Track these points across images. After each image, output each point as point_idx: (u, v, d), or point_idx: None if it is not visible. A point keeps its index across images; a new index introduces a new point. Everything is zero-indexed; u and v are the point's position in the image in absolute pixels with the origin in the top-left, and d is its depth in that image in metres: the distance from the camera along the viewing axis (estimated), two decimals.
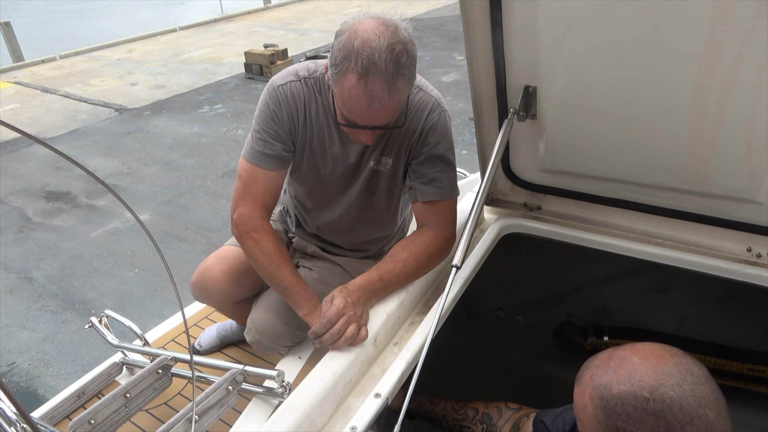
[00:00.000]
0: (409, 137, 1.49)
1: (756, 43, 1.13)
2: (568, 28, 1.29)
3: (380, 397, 1.15)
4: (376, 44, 1.19)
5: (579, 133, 1.52)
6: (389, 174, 1.56)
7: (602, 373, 0.89)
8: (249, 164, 1.50)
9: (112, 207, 4.89)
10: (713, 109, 1.28)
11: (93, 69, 9.34)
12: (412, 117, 1.47)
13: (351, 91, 1.23)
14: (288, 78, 1.49)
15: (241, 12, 13.32)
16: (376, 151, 1.52)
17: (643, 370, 0.85)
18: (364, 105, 1.23)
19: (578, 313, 2.09)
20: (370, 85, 1.21)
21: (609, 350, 0.94)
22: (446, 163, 1.51)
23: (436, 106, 1.49)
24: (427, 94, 1.49)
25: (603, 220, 1.71)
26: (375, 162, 1.54)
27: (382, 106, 1.24)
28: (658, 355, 0.87)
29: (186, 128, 6.62)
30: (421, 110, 1.47)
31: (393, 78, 1.21)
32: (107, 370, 1.75)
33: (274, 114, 1.47)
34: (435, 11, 12.51)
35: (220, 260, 1.71)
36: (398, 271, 1.42)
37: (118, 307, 3.61)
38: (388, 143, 1.51)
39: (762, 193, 1.41)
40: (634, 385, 0.84)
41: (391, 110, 1.27)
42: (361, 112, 1.26)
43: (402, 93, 1.26)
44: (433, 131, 1.48)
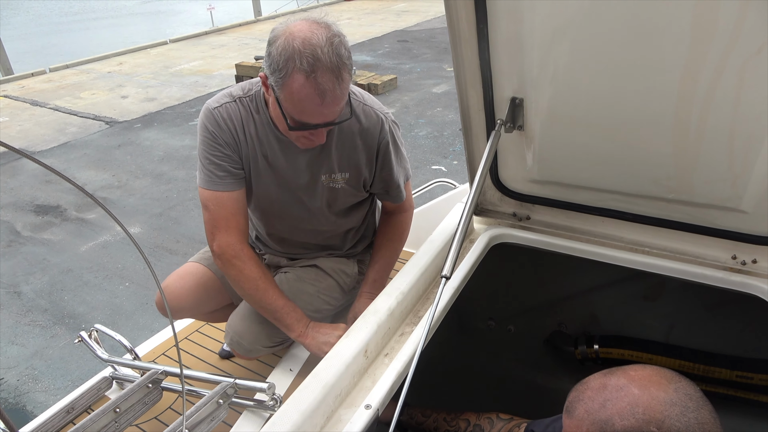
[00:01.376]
0: (366, 156, 1.56)
1: (735, 55, 1.16)
2: (553, 42, 1.32)
3: (371, 408, 1.15)
4: (316, 40, 1.22)
5: (566, 143, 1.54)
6: (350, 188, 1.61)
7: (599, 407, 0.84)
8: (209, 191, 1.50)
9: (102, 220, 4.86)
10: (695, 119, 1.31)
11: (83, 82, 9.33)
12: (366, 135, 1.53)
13: (301, 91, 1.24)
14: (223, 100, 1.50)
15: (232, 25, 13.37)
16: (328, 167, 1.55)
17: (646, 402, 0.81)
18: (317, 101, 1.25)
19: (569, 322, 2.10)
20: (320, 80, 1.23)
21: (600, 377, 0.90)
22: (401, 164, 1.67)
23: (383, 121, 1.56)
24: (371, 110, 1.55)
25: (591, 229, 1.73)
26: (328, 176, 1.56)
27: (334, 99, 1.27)
28: (655, 381, 0.84)
29: (177, 141, 6.62)
30: (373, 129, 1.54)
31: (339, 69, 1.25)
32: (97, 385, 1.74)
33: (213, 136, 1.48)
34: (425, 23, 12.62)
35: (179, 278, 1.72)
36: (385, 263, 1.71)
37: (108, 321, 3.59)
38: (342, 158, 1.54)
39: (745, 202, 1.43)
40: (639, 419, 0.80)
41: (342, 101, 1.31)
42: (314, 110, 1.28)
43: (347, 83, 1.30)
44: (387, 148, 1.58)
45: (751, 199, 1.41)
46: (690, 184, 1.46)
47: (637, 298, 1.93)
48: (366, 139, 1.55)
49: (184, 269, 1.75)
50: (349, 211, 1.71)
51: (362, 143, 1.55)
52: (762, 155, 1.31)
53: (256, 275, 1.51)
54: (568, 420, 0.89)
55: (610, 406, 0.83)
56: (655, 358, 1.90)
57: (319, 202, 1.62)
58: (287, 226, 1.70)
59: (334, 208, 1.65)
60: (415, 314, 1.49)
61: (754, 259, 1.54)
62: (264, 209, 1.66)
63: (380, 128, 1.55)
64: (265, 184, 1.57)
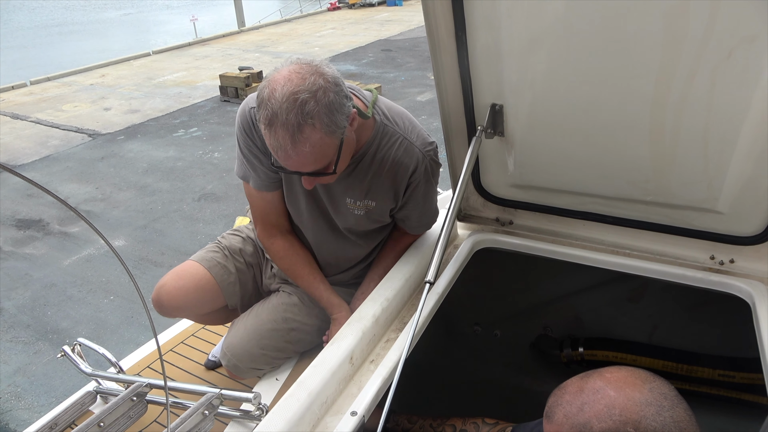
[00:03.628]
0: (397, 187, 1.54)
1: (706, 60, 1.19)
2: (531, 49, 1.34)
3: (356, 415, 1.15)
4: (279, 94, 1.20)
5: (546, 148, 1.56)
6: (375, 214, 1.59)
7: (577, 411, 0.85)
8: (245, 184, 1.59)
9: (86, 234, 4.81)
10: (670, 123, 1.33)
11: (65, 94, 9.26)
12: (399, 169, 1.50)
13: (265, 138, 1.26)
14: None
15: (216, 35, 13.37)
16: (356, 193, 1.53)
17: (622, 403, 0.83)
18: (279, 154, 1.26)
19: (554, 326, 2.12)
20: (275, 135, 1.22)
21: (577, 381, 0.91)
22: (431, 202, 1.66)
23: (422, 159, 1.51)
24: (412, 146, 1.50)
25: (573, 232, 1.75)
26: (353, 201, 1.55)
27: (288, 156, 1.24)
28: (630, 383, 0.85)
29: (161, 152, 6.58)
30: (407, 164, 1.50)
31: (296, 128, 1.20)
32: (81, 400, 1.72)
33: (252, 137, 1.48)
34: (408, 32, 12.72)
35: (176, 277, 1.70)
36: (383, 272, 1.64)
37: (93, 336, 3.54)
38: (371, 187, 1.53)
39: (721, 203, 1.46)
40: (616, 421, 0.81)
41: (301, 160, 1.26)
42: (280, 159, 1.28)
43: (311, 142, 1.23)
44: (422, 183, 1.55)
45: (727, 200, 1.45)
46: (667, 187, 1.49)
47: (620, 300, 1.96)
48: (398, 172, 1.51)
49: (183, 268, 1.72)
50: (369, 234, 1.70)
51: (394, 177, 1.52)
52: (735, 157, 1.34)
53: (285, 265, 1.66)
54: (548, 425, 0.90)
55: (588, 410, 0.84)
56: (639, 359, 1.93)
57: (342, 224, 1.62)
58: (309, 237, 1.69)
59: (355, 231, 1.65)
60: (401, 320, 1.50)
61: (731, 259, 1.57)
62: (291, 215, 1.67)
63: (415, 166, 1.51)
64: (292, 194, 1.58)
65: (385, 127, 1.49)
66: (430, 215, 1.70)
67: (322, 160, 1.29)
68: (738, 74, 1.19)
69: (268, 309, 1.72)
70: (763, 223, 1.47)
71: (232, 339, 1.66)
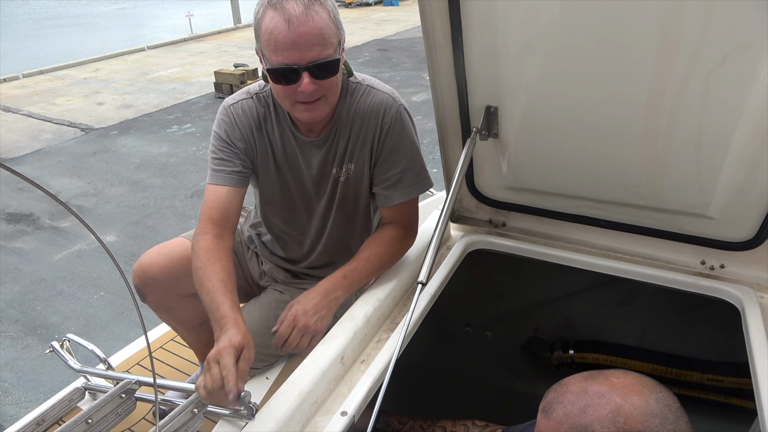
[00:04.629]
0: (370, 139, 1.50)
1: (700, 66, 1.19)
2: (526, 52, 1.34)
3: (346, 415, 1.15)
4: None
5: (540, 151, 1.57)
6: (354, 180, 1.56)
7: (579, 412, 0.84)
8: (207, 185, 1.51)
9: (76, 228, 4.78)
10: (663, 128, 1.34)
11: (58, 88, 9.19)
12: (368, 118, 1.48)
13: (270, 23, 1.23)
14: (240, 96, 1.52)
15: (211, 32, 13.32)
16: (338, 158, 1.52)
17: (628, 411, 0.81)
18: (284, 29, 1.22)
19: (545, 328, 2.13)
20: (286, 5, 1.21)
21: (581, 381, 0.89)
22: (409, 159, 1.53)
23: (391, 102, 1.49)
24: (379, 92, 1.50)
25: (565, 235, 1.75)
26: (338, 169, 1.54)
27: (301, 23, 1.22)
28: (637, 391, 0.84)
29: (154, 148, 6.55)
30: (377, 110, 1.48)
31: (308, 1, 1.23)
32: (69, 396, 1.70)
33: (225, 133, 1.49)
34: (404, 32, 12.72)
35: (161, 246, 1.66)
36: (361, 268, 1.49)
37: (82, 331, 3.52)
38: (348, 148, 1.51)
39: (712, 208, 1.47)
40: (619, 428, 0.80)
41: (313, 30, 1.24)
42: (285, 40, 1.23)
43: (321, 16, 1.25)
44: (392, 130, 1.49)
45: (718, 205, 1.45)
46: (659, 191, 1.50)
47: (611, 304, 1.97)
48: (370, 120, 1.48)
49: (170, 242, 1.69)
50: (352, 216, 1.65)
51: (366, 127, 1.49)
52: (727, 163, 1.35)
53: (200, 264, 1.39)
54: (545, 420, 0.88)
55: (591, 412, 0.82)
56: (628, 362, 1.94)
57: (325, 198, 1.59)
58: (294, 226, 1.67)
59: (340, 205, 1.60)
60: (392, 321, 1.50)
61: (722, 264, 1.58)
62: (275, 206, 1.64)
63: (384, 111, 1.47)
64: (279, 180, 1.56)
65: (351, 84, 1.50)
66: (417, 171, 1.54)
67: (328, 45, 1.27)
68: (732, 80, 1.20)
69: (260, 308, 1.71)
70: (753, 229, 1.49)
71: None
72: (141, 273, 1.64)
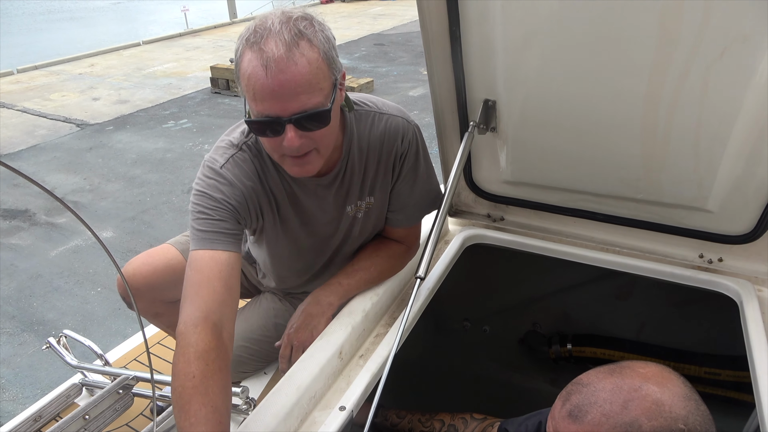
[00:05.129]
0: (390, 167, 1.39)
1: (699, 60, 1.19)
2: (525, 45, 1.34)
3: (345, 410, 1.15)
4: (270, 16, 1.07)
5: (538, 145, 1.56)
6: (375, 211, 1.45)
7: (621, 409, 0.80)
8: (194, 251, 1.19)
9: (73, 224, 4.76)
10: (662, 122, 1.34)
11: (53, 83, 9.13)
12: (385, 146, 1.35)
13: (247, 68, 1.05)
14: (227, 153, 1.27)
15: (207, 27, 13.25)
16: (352, 195, 1.39)
17: (669, 399, 0.79)
18: (262, 76, 1.03)
19: (543, 322, 2.13)
20: (265, 47, 1.03)
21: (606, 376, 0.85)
22: (426, 181, 1.45)
23: (406, 125, 1.37)
24: (391, 116, 1.36)
25: (563, 229, 1.75)
26: (353, 207, 1.41)
27: (281, 70, 1.02)
28: (667, 377, 0.83)
29: (150, 143, 6.52)
30: (393, 135, 1.35)
31: (292, 39, 1.03)
32: (66, 392, 1.70)
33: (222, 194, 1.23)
34: (401, 26, 12.68)
35: (146, 255, 1.59)
36: (359, 278, 1.44)
37: (79, 327, 3.51)
38: (367, 182, 1.39)
39: (710, 202, 1.47)
40: (667, 418, 0.78)
41: (296, 77, 1.03)
42: (263, 90, 1.04)
43: (308, 58, 1.04)
44: (409, 153, 1.38)
45: (716, 199, 1.45)
46: (658, 185, 1.50)
47: (609, 297, 1.97)
48: (388, 149, 1.35)
49: (155, 249, 1.61)
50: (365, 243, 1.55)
51: (386, 155, 1.36)
52: (726, 157, 1.35)
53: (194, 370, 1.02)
54: (576, 425, 0.83)
55: (634, 407, 0.79)
56: (626, 356, 1.94)
57: (337, 237, 1.46)
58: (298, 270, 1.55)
59: (355, 239, 1.49)
60: (391, 315, 1.49)
61: (720, 258, 1.58)
62: (280, 258, 1.49)
63: (403, 135, 1.35)
64: (285, 233, 1.41)
65: (357, 112, 1.33)
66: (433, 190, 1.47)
67: (316, 92, 1.07)
68: (730, 74, 1.20)
69: (258, 314, 1.67)
70: (752, 223, 1.49)
71: None
72: (123, 285, 1.59)
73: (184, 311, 1.11)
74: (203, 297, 1.11)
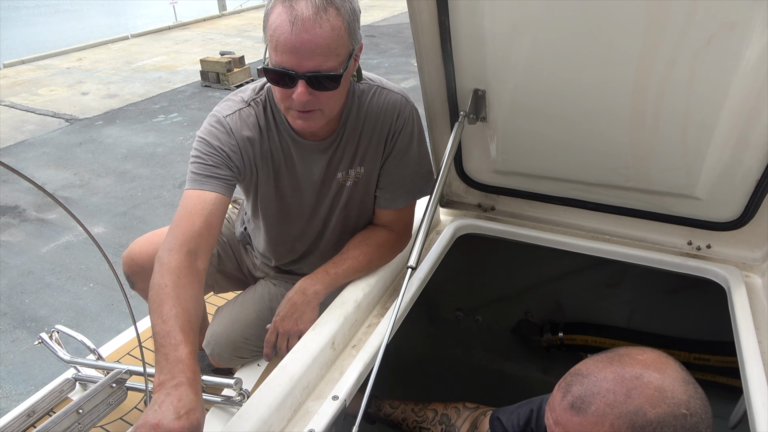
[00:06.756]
0: (383, 140, 1.43)
1: (686, 47, 1.20)
2: (514, 34, 1.34)
3: (338, 399, 1.15)
4: None
5: (528, 134, 1.57)
6: (363, 183, 1.49)
7: (624, 398, 0.80)
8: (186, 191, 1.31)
9: (63, 220, 4.73)
10: (650, 110, 1.34)
11: (40, 78, 9.03)
12: (381, 119, 1.40)
13: (275, 21, 1.13)
14: (236, 106, 1.38)
15: (196, 19, 13.13)
16: (344, 162, 1.44)
17: (669, 386, 0.80)
18: (287, 30, 1.11)
19: (534, 311, 2.15)
20: (296, 5, 1.10)
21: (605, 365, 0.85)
22: (418, 162, 1.47)
23: (405, 103, 1.42)
24: (391, 92, 1.42)
25: (554, 218, 1.76)
26: (344, 174, 1.45)
27: (305, 29, 1.10)
28: (666, 363, 0.83)
29: (141, 138, 6.47)
30: (390, 110, 1.41)
31: (324, 2, 1.11)
32: (59, 387, 1.70)
33: (220, 142, 1.34)
34: (392, 18, 12.63)
35: (151, 235, 1.63)
36: (347, 267, 1.45)
37: (73, 323, 3.50)
38: (358, 151, 1.43)
39: (699, 189, 1.48)
40: (670, 404, 0.78)
41: (316, 38, 1.11)
42: (285, 43, 1.12)
43: (332, 24, 1.12)
44: (404, 132, 1.42)
45: (704, 186, 1.47)
46: (647, 173, 1.51)
47: (600, 285, 1.98)
48: (382, 121, 1.40)
49: (161, 230, 1.62)
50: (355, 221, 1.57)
51: (380, 128, 1.41)
52: (713, 144, 1.36)
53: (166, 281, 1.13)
54: (579, 417, 0.82)
55: (637, 395, 0.79)
56: (617, 343, 1.96)
57: (326, 204, 1.49)
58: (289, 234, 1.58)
59: (343, 210, 1.51)
60: (383, 306, 1.50)
61: (708, 245, 1.60)
62: (270, 216, 1.55)
63: (399, 112, 1.40)
64: (276, 189, 1.47)
65: (360, 85, 1.40)
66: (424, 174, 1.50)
67: (333, 56, 1.15)
68: (717, 61, 1.20)
69: (253, 299, 1.69)
70: (739, 209, 1.50)
71: (217, 328, 1.65)
72: (130, 261, 1.63)
73: (164, 241, 1.21)
74: (182, 228, 1.22)
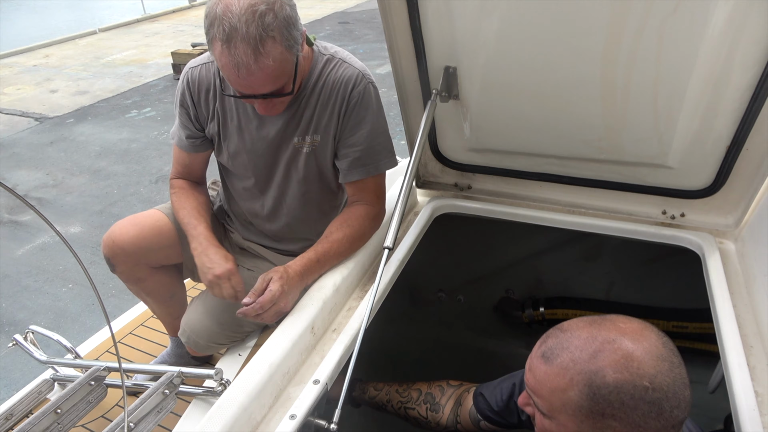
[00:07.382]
0: (336, 111, 1.46)
1: (653, 16, 1.19)
2: (482, 10, 1.32)
3: (319, 383, 1.15)
4: (236, 8, 1.16)
5: (500, 111, 1.56)
6: (320, 152, 1.52)
7: (589, 357, 0.83)
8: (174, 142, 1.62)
9: (38, 222, 4.62)
10: (621, 80, 1.34)
11: (6, 77, 8.79)
12: (336, 90, 1.44)
13: (220, 59, 1.21)
14: (202, 60, 1.51)
15: (165, 11, 12.86)
16: (301, 128, 1.48)
17: (640, 356, 0.81)
18: (234, 75, 1.21)
19: (516, 288, 2.16)
20: (233, 51, 1.17)
21: (585, 326, 0.87)
22: (373, 136, 1.49)
23: (360, 78, 1.45)
24: (350, 66, 1.46)
25: (530, 194, 1.77)
26: (300, 139, 1.50)
27: (250, 73, 1.20)
28: (646, 336, 0.84)
29: (114, 134, 6.35)
30: (345, 83, 1.44)
31: (258, 41, 1.17)
32: (37, 388, 1.66)
33: (183, 95, 1.52)
34: (365, 4, 12.50)
35: (132, 218, 1.65)
36: (333, 251, 1.45)
37: (53, 325, 3.43)
38: (314, 119, 1.47)
39: (671, 158, 1.49)
40: (633, 373, 0.80)
41: (263, 76, 1.22)
42: (234, 80, 1.23)
43: (273, 56, 1.20)
44: (358, 105, 1.45)
45: (676, 155, 1.48)
46: (619, 144, 1.51)
47: (579, 259, 2.00)
48: (338, 92, 1.45)
49: (143, 213, 1.68)
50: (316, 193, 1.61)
51: (334, 99, 1.46)
52: (683, 112, 1.36)
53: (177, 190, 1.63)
54: (545, 366, 0.87)
55: (602, 358, 0.82)
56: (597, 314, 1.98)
57: (282, 167, 1.54)
58: (259, 197, 1.63)
59: (301, 178, 1.56)
60: (362, 289, 1.49)
61: (682, 213, 1.61)
62: (230, 174, 1.64)
63: (354, 84, 1.44)
64: (235, 145, 1.54)
65: (323, 55, 1.47)
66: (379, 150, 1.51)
67: (282, 77, 1.26)
68: (684, 29, 1.20)
69: None
70: (710, 177, 1.52)
71: (192, 315, 1.62)
72: (111, 243, 1.61)
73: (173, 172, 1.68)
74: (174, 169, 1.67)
